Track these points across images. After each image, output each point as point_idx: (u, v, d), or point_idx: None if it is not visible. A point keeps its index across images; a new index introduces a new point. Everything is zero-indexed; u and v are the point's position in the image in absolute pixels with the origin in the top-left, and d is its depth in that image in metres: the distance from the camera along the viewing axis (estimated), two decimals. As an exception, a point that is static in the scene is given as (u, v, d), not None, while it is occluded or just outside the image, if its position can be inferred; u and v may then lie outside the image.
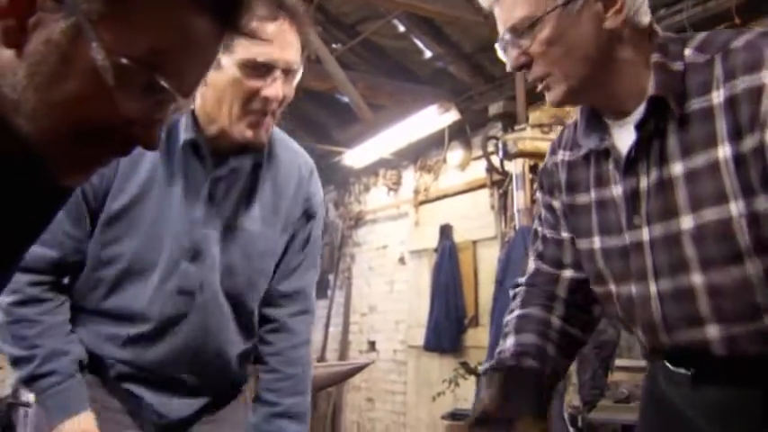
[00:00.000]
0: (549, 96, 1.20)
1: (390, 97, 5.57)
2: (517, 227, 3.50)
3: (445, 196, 6.47)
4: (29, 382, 1.45)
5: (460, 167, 6.26)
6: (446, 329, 6.01)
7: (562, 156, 1.35)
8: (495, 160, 5.17)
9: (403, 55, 5.92)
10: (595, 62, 1.15)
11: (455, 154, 6.27)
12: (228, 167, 1.49)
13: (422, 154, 6.78)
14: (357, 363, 3.20)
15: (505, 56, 1.21)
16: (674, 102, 1.12)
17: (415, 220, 6.92)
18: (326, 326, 8.40)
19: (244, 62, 1.35)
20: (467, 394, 4.92)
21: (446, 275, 6.06)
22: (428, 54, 5.74)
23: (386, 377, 7.27)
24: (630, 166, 1.18)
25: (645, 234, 1.17)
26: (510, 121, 5.24)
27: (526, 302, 1.38)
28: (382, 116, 6.19)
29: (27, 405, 4.43)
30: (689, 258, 1.12)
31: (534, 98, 4.93)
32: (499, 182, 5.52)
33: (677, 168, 1.13)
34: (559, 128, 3.55)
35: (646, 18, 1.17)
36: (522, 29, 1.14)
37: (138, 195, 1.45)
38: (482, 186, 5.86)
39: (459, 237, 6.17)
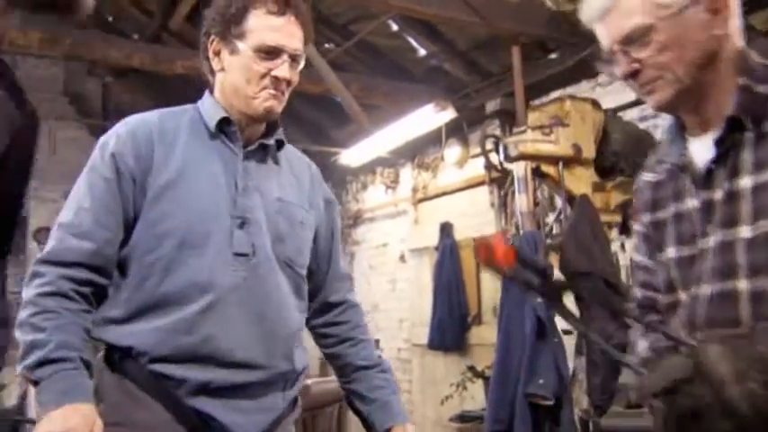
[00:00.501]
0: (652, 100, 1.27)
1: (386, 97, 5.53)
2: (521, 230, 3.47)
3: (444, 194, 6.44)
4: (37, 367, 1.41)
5: (458, 165, 6.22)
6: (450, 328, 6.00)
7: (648, 177, 1.44)
8: (494, 158, 5.14)
9: (397, 54, 5.87)
10: (702, 67, 1.24)
11: (453, 151, 6.23)
12: (257, 144, 1.65)
13: (419, 152, 6.74)
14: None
15: (614, 66, 1.29)
16: (751, 122, 1.21)
17: (414, 218, 6.90)
18: (329, 325, 8.39)
19: (257, 47, 1.56)
20: (474, 396, 4.91)
21: (448, 274, 6.03)
22: (422, 52, 5.69)
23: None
24: (708, 179, 1.27)
25: (711, 242, 1.26)
26: (508, 118, 5.22)
27: (642, 316, 1.46)
28: (378, 115, 6.15)
29: (33, 422, 4.37)
30: (739, 265, 1.20)
31: (533, 95, 4.91)
32: (499, 179, 5.50)
33: (746, 182, 1.22)
34: (560, 129, 3.52)
35: (740, 42, 1.27)
36: (635, 37, 1.22)
37: (179, 172, 1.55)
38: (481, 184, 5.82)
39: (459, 234, 6.14)
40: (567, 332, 3.07)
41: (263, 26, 1.56)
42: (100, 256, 1.51)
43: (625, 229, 4.39)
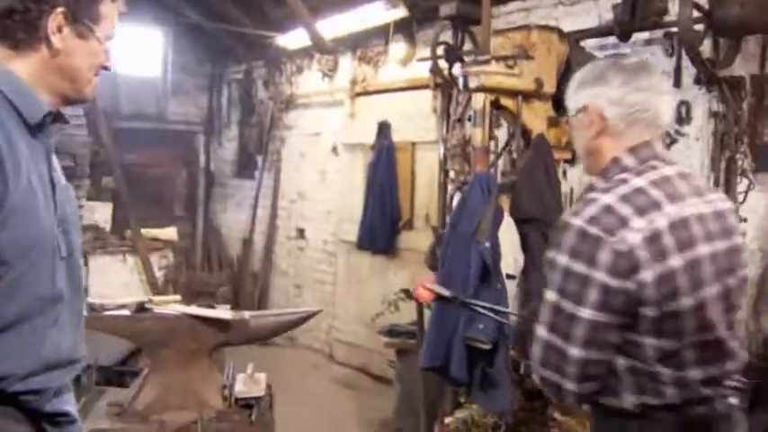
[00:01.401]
0: None
1: (334, -13, 5.12)
2: (471, 169, 3.35)
3: (385, 91, 6.19)
4: None
5: (403, 63, 5.95)
6: (381, 230, 5.97)
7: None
8: (442, 64, 4.92)
9: (348, -63, 5.39)
10: (589, 156, 1.78)
11: (398, 48, 5.94)
12: (54, 135, 1.55)
13: (361, 43, 6.39)
14: (307, 311, 3.10)
15: None
16: None
17: (350, 111, 6.65)
18: (254, 207, 8.24)
19: (108, 35, 1.53)
20: (405, 315, 4.96)
21: (382, 176, 5.92)
22: (376, -61, 5.25)
23: (315, 266, 7.26)
24: None
25: None
26: (461, 22, 4.95)
27: None
28: (322, 1, 5.74)
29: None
30: None
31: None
32: (443, 85, 5.29)
33: None
34: (524, 62, 3.34)
35: (617, 152, 1.69)
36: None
37: (24, 186, 1.38)
38: (425, 87, 5.61)
39: (397, 136, 5.98)
40: (510, 277, 3.06)
41: (112, 14, 1.52)
42: None
43: (569, 160, 4.37)
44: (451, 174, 5.49)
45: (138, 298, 2.82)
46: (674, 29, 3.71)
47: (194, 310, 2.77)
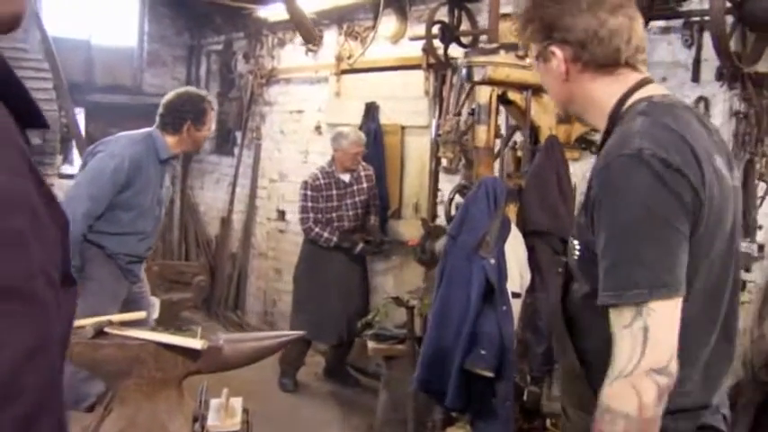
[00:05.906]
0: None
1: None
2: (474, 172, 3.01)
3: (372, 69, 5.80)
4: None
5: (393, 40, 5.56)
6: (367, 218, 5.63)
7: None
8: (436, 44, 4.56)
9: None
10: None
11: (387, 23, 5.54)
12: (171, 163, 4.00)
13: (348, 17, 5.97)
14: (289, 334, 2.78)
15: None
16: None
17: (335, 90, 6.25)
18: (233, 186, 7.86)
19: (209, 128, 3.94)
20: (391, 316, 4.67)
21: (369, 160, 5.56)
22: None
23: (296, 251, 6.88)
24: None
25: None
26: (457, 2, 4.59)
27: None
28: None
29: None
30: None
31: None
32: (437, 65, 4.93)
33: None
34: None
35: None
36: None
37: (143, 179, 3.62)
38: (416, 67, 5.23)
39: (386, 118, 5.61)
40: (515, 295, 2.75)
41: (212, 115, 3.89)
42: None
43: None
44: (444, 162, 5.18)
45: (97, 319, 2.48)
46: (695, 18, 3.37)
47: (161, 336, 2.43)
